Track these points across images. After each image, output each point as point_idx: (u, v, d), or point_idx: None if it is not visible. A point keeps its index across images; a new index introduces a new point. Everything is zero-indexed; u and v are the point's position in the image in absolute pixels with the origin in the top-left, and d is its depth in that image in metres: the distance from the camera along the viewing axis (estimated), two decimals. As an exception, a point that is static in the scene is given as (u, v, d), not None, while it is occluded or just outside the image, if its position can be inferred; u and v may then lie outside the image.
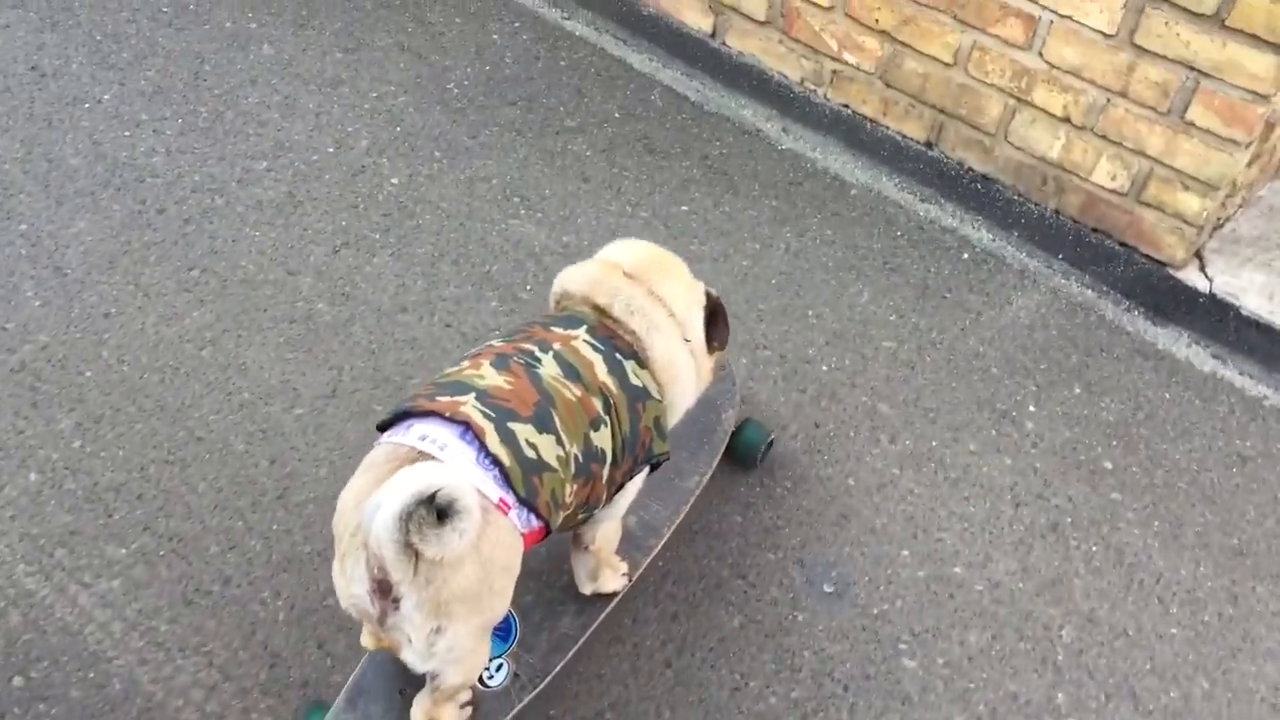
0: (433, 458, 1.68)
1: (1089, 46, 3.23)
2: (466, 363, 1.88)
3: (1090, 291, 3.33)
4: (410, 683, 2.00)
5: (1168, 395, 3.04)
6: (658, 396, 1.99)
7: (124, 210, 3.08)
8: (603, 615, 2.22)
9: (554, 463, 1.77)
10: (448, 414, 1.72)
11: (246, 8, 3.83)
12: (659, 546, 2.35)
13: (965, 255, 3.39)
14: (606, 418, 1.89)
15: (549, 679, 2.09)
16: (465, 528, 1.57)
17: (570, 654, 2.14)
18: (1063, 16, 3.24)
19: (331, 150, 3.36)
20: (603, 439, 1.88)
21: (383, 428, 1.80)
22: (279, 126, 3.40)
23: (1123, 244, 3.45)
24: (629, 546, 2.30)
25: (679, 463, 2.46)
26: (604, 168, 3.45)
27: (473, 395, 1.76)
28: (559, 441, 1.79)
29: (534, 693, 2.06)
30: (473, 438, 1.71)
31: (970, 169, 3.64)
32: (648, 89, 3.81)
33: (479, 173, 3.38)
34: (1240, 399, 3.06)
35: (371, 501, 1.57)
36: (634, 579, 2.29)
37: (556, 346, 1.91)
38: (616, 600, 2.25)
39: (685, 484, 2.45)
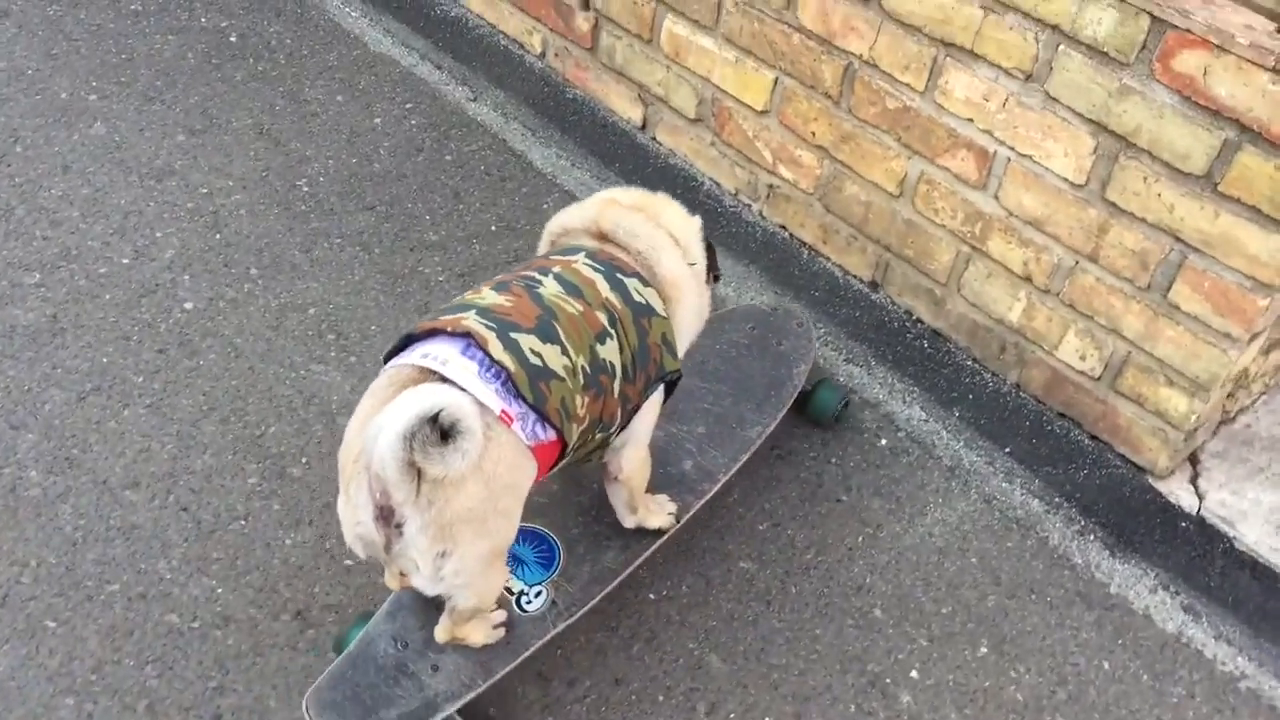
0: (435, 374, 1.70)
1: (1053, 196, 2.51)
2: (468, 292, 1.92)
3: (1037, 503, 2.59)
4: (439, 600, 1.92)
5: (1107, 666, 2.30)
6: (663, 313, 2.01)
7: None
8: (646, 553, 2.23)
9: (560, 371, 1.79)
10: (449, 329, 1.74)
11: (93, 76, 3.33)
12: (712, 492, 2.35)
13: (883, 441, 2.68)
14: (612, 331, 1.90)
15: (586, 609, 2.12)
16: (468, 448, 1.59)
17: (610, 586, 2.16)
18: (1021, 155, 2.52)
19: (126, 261, 2.82)
20: (609, 352, 1.89)
21: (388, 358, 1.81)
22: (74, 228, 2.88)
23: (1094, 438, 2.71)
24: (682, 489, 2.33)
25: (742, 412, 2.50)
26: (452, 297, 2.84)
27: (473, 311, 1.79)
28: (564, 352, 1.81)
29: (569, 621, 2.09)
30: (475, 350, 1.73)
31: (919, 320, 2.94)
32: (543, 194, 3.19)
33: (297, 299, 2.80)
34: (1207, 676, 2.30)
35: (374, 424, 1.58)
36: (682, 520, 2.28)
37: (556, 269, 1.94)
38: (662, 539, 2.25)
39: (746, 433, 2.46)
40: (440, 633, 1.96)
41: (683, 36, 3.12)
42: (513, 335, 1.76)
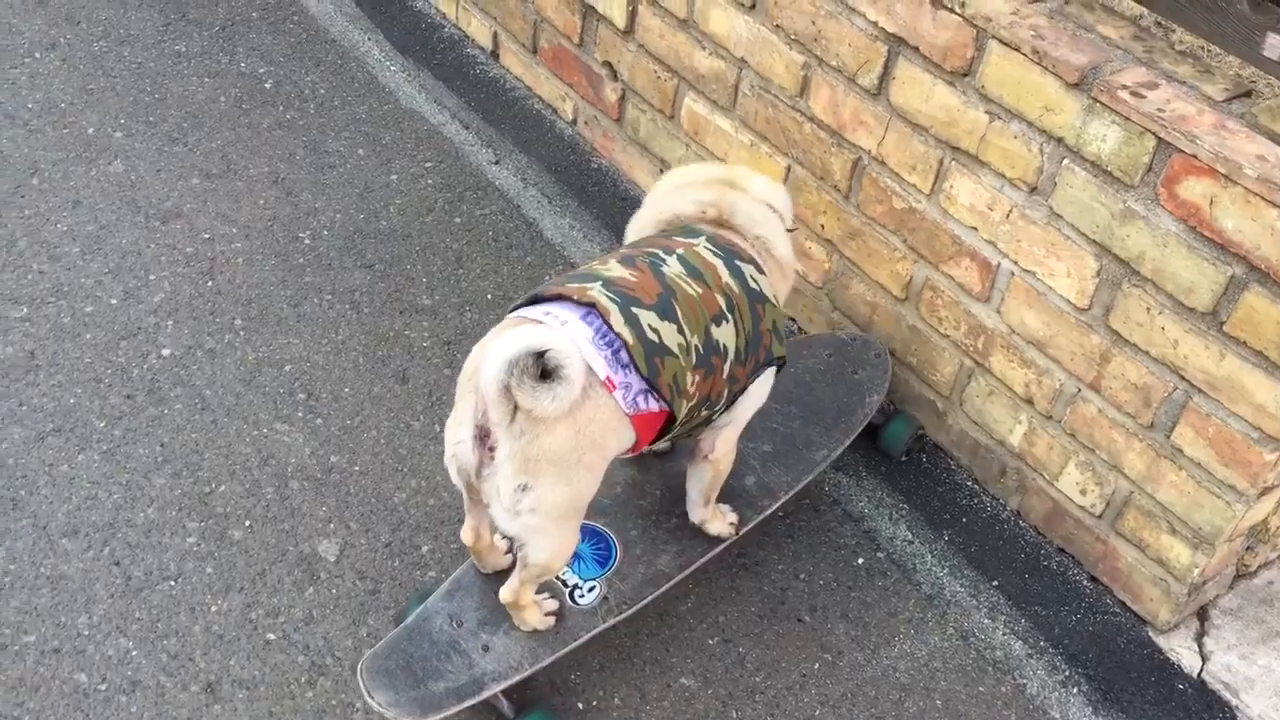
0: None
1: (1056, 317, 2.34)
2: (595, 262, 1.99)
3: (1020, 644, 2.40)
4: (495, 584, 2.06)
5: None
6: (774, 300, 2.11)
7: None
8: (702, 559, 2.27)
9: (675, 349, 1.87)
10: (575, 297, 1.84)
11: (123, 114, 3.36)
12: (770, 509, 2.39)
13: (860, 560, 2.52)
14: (730, 315, 1.99)
15: (636, 608, 2.17)
16: (561, 393, 1.69)
17: (663, 589, 2.21)
18: (1025, 270, 2.36)
19: (114, 302, 2.81)
20: (724, 334, 1.97)
21: (514, 310, 1.89)
22: (72, 264, 2.89)
23: (1093, 579, 2.51)
24: (742, 504, 2.37)
25: (810, 434, 2.53)
26: (434, 367, 2.77)
27: (599, 283, 1.88)
28: (680, 331, 1.89)
29: (619, 618, 2.15)
30: (595, 318, 1.82)
31: (919, 433, 2.77)
32: (547, 264, 3.11)
33: (276, 354, 2.75)
34: None
35: (488, 347, 1.71)
36: (740, 533, 2.33)
37: (680, 251, 2.02)
38: (719, 549, 2.29)
39: (811, 455, 2.49)
40: (505, 591, 2.01)
41: (701, 115, 3.03)
42: (634, 310, 1.85)
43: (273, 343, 2.78)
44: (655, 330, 1.86)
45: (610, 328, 1.82)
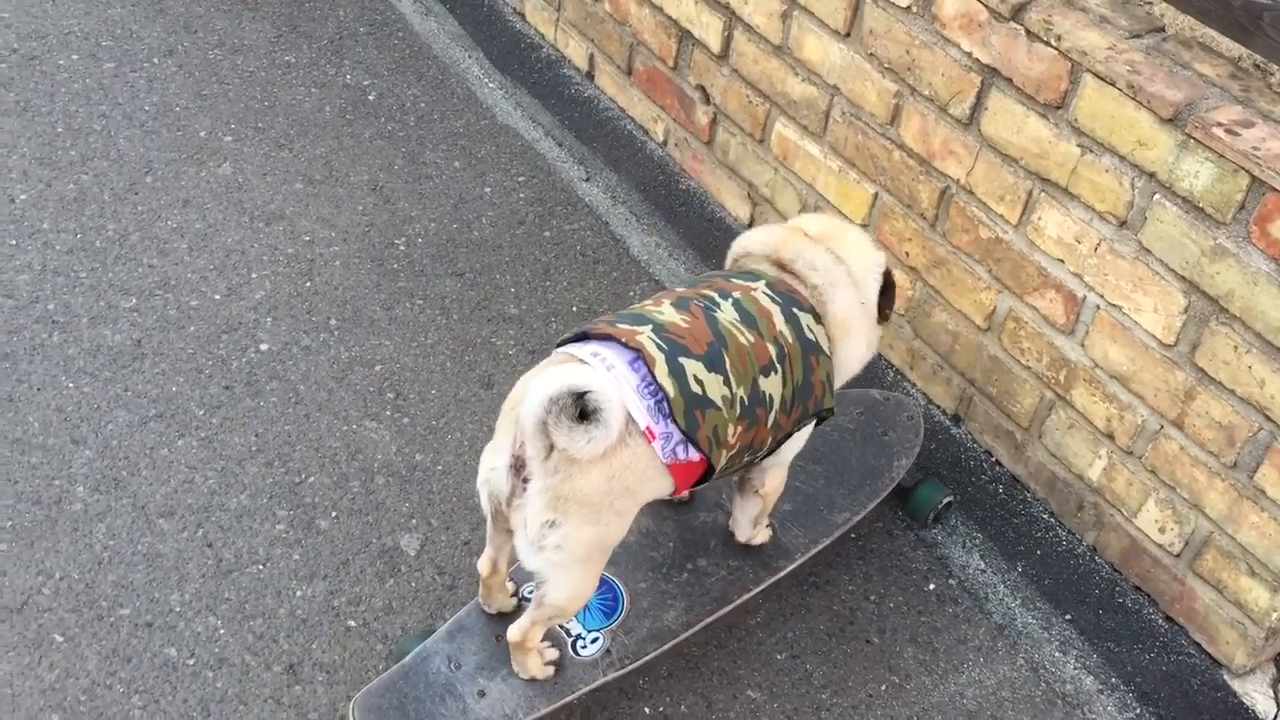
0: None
1: (1140, 352, 2.34)
2: (648, 301, 1.98)
3: (1091, 680, 2.39)
4: (498, 629, 2.08)
5: None
6: (828, 352, 2.07)
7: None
8: (710, 618, 2.23)
9: (718, 400, 1.85)
10: (624, 340, 1.83)
11: (234, 119, 3.50)
12: (785, 571, 2.34)
13: (931, 586, 2.53)
14: (779, 366, 1.95)
15: (638, 663, 2.13)
16: (597, 436, 1.70)
17: (667, 646, 2.16)
18: (1111, 304, 2.37)
19: (218, 298, 2.93)
20: (771, 385, 1.94)
21: (561, 345, 1.91)
22: (179, 260, 3.01)
23: (1169, 619, 2.49)
24: (756, 564, 2.32)
25: (832, 496, 2.48)
26: (518, 374, 2.81)
27: (650, 327, 1.86)
28: (726, 382, 1.87)
29: (620, 672, 2.11)
30: (640, 364, 1.81)
31: (998, 463, 2.77)
32: (632, 281, 3.17)
33: (367, 354, 2.85)
34: None
35: (533, 382, 1.72)
36: (755, 590, 2.29)
37: (736, 295, 1.99)
38: (726, 610, 2.25)
39: (833, 518, 2.44)
40: (514, 630, 1.98)
41: (791, 140, 3.08)
42: (680, 360, 1.83)
43: (365, 343, 2.87)
44: (700, 382, 1.83)
45: (654, 377, 1.80)
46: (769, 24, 2.97)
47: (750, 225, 3.37)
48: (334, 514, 2.49)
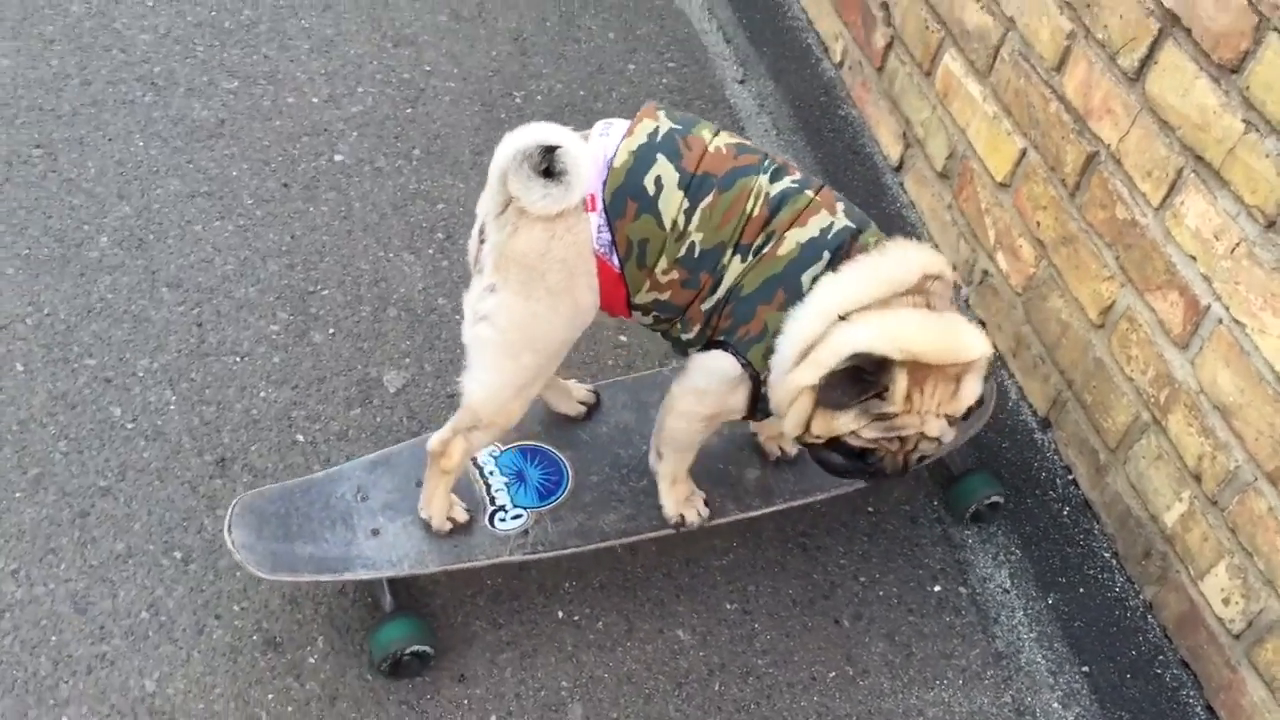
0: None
1: (1252, 383, 1.91)
2: (727, 134, 1.76)
3: (1087, 749, 2.00)
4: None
5: None
6: (791, 315, 1.68)
7: (50, 73, 2.80)
8: (643, 535, 1.97)
9: (666, 218, 1.67)
10: (645, 116, 1.70)
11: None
12: (757, 512, 2.05)
13: (937, 587, 2.17)
14: (751, 259, 1.69)
15: (552, 554, 1.92)
16: (554, 193, 1.60)
17: (590, 546, 1.95)
18: (1235, 320, 1.94)
19: (316, 101, 2.85)
20: (733, 265, 1.69)
21: None
22: (296, 58, 2.95)
23: (1209, 708, 2.06)
24: (726, 495, 2.05)
25: None
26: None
27: (682, 127, 1.71)
28: (688, 214, 1.67)
29: (527, 556, 1.91)
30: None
31: (1073, 483, 2.37)
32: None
33: (435, 191, 2.70)
34: None
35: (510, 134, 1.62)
36: (711, 523, 2.00)
37: (790, 183, 1.72)
38: (662, 532, 1.98)
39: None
40: (434, 439, 1.85)
41: (955, 77, 2.71)
42: (659, 156, 1.67)
43: (439, 180, 2.73)
44: (659, 186, 1.65)
45: (618, 150, 1.66)
46: (951, -69, 2.61)
47: (899, 170, 3.03)
48: (331, 330, 2.37)
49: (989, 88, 2.61)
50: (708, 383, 1.80)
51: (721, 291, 1.73)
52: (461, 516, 1.92)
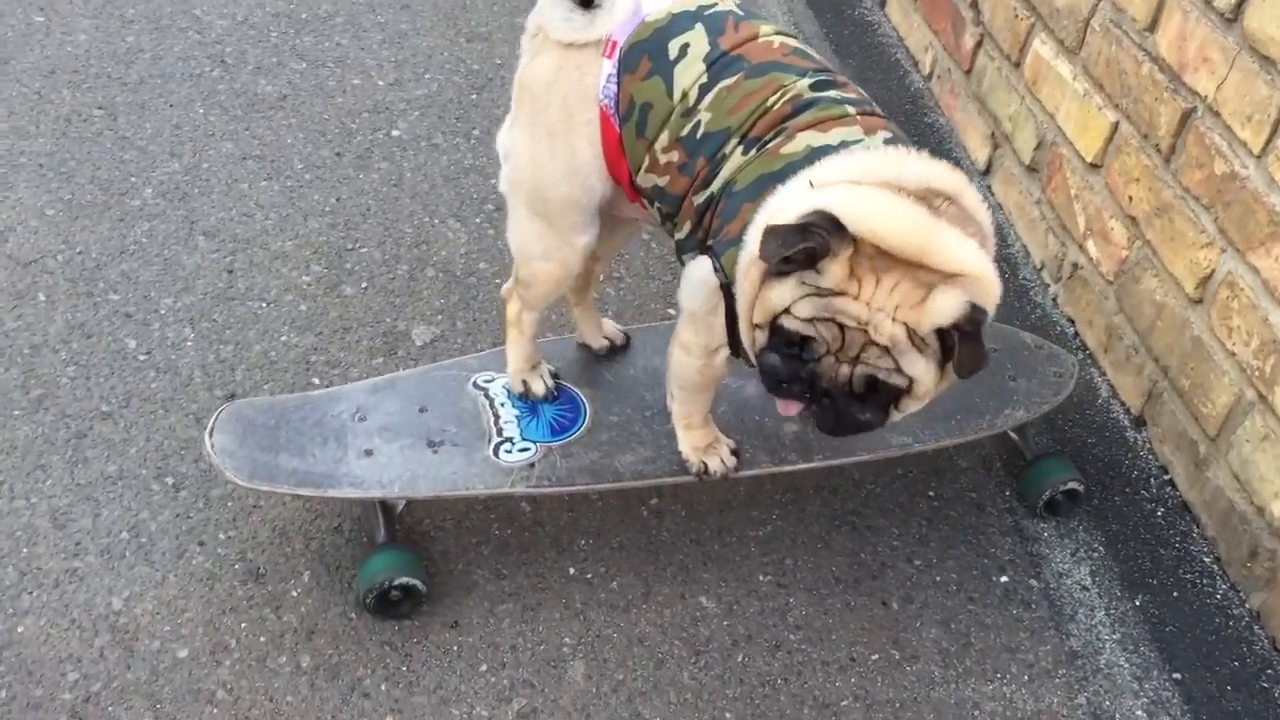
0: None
1: (1371, 330, 1.65)
2: (787, 35, 1.63)
3: (1173, 761, 1.70)
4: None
5: None
6: (764, 205, 1.46)
7: (125, 48, 2.82)
8: (659, 480, 1.79)
9: (678, 88, 1.54)
10: None
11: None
12: (791, 467, 1.84)
13: (1005, 579, 1.91)
14: (752, 153, 1.50)
15: (557, 490, 1.77)
16: (575, 21, 1.55)
17: (598, 486, 1.78)
18: (1349, 261, 1.69)
19: (382, 84, 2.82)
20: (734, 157, 1.52)
21: None
22: (367, 46, 2.94)
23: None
24: (760, 447, 1.85)
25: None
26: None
27: (745, 14, 1.59)
28: (703, 90, 1.53)
29: (530, 490, 1.75)
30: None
31: (1169, 483, 2.10)
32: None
33: (490, 166, 2.61)
34: None
35: None
36: (737, 474, 1.79)
37: (834, 95, 1.52)
38: (684, 479, 1.78)
39: (885, 436, 1.87)
40: (505, 286, 1.84)
41: (1045, 61, 2.54)
42: (701, 28, 1.55)
43: (495, 159, 2.64)
44: (685, 53, 1.53)
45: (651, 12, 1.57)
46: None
47: (986, 173, 2.85)
48: (365, 285, 2.27)
49: (1079, 65, 2.43)
50: (692, 300, 1.61)
51: (716, 185, 1.54)
52: (538, 387, 1.85)
